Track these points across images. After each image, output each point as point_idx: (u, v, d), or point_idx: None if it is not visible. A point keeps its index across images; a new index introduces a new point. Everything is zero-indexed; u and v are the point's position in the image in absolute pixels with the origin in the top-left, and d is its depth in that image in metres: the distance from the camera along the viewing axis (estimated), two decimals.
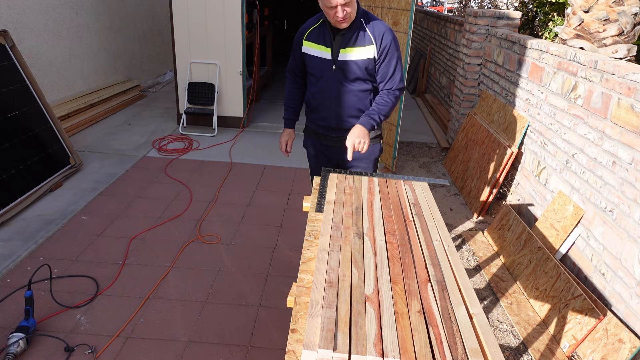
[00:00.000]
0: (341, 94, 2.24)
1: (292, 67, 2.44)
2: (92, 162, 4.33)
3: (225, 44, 5.23)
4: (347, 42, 2.16)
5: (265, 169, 4.46)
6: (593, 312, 2.29)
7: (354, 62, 2.17)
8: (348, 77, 2.21)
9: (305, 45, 2.28)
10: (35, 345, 2.21)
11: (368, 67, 2.18)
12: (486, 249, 3.30)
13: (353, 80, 2.21)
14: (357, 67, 2.18)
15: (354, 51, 2.16)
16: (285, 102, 2.51)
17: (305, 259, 1.47)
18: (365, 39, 2.16)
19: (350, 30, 2.15)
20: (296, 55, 2.36)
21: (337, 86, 2.23)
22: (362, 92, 2.24)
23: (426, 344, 1.09)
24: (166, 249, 3.06)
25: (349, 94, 2.24)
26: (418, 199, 1.91)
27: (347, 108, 2.25)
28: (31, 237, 3.09)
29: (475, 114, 4.53)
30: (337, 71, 2.20)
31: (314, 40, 2.24)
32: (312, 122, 2.42)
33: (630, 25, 3.53)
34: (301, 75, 2.43)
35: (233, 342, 2.31)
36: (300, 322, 1.21)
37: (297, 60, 2.37)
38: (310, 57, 2.27)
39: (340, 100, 2.25)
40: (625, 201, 2.36)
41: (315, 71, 2.27)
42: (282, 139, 2.49)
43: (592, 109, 2.74)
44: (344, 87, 2.23)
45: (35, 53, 4.87)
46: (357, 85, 2.23)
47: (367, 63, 2.17)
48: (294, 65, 2.41)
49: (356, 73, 2.19)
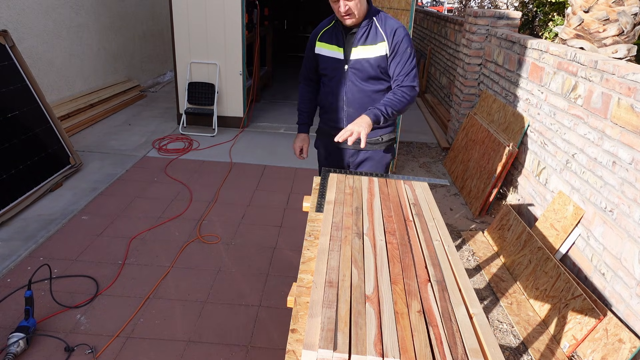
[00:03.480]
0: (353, 94, 2.22)
1: (304, 72, 2.44)
2: (92, 162, 4.33)
3: (225, 44, 5.23)
4: (358, 40, 2.14)
5: (265, 169, 4.46)
6: (593, 312, 2.29)
7: (366, 61, 2.15)
8: (361, 77, 2.18)
9: (318, 45, 2.28)
10: (35, 345, 2.21)
11: (381, 64, 2.15)
12: (486, 249, 3.29)
13: (366, 79, 2.19)
14: (370, 66, 2.15)
15: (365, 49, 2.14)
16: (298, 107, 2.50)
17: (305, 259, 1.47)
18: (377, 36, 2.13)
19: (362, 29, 2.13)
20: (309, 58, 2.36)
21: (349, 86, 2.21)
22: (375, 92, 2.21)
23: (426, 344, 1.09)
24: (166, 249, 3.06)
25: (361, 94, 2.21)
26: (418, 199, 1.91)
27: (359, 109, 2.21)
28: (31, 237, 3.09)
29: (475, 114, 4.53)
30: (350, 71, 2.19)
31: (327, 41, 2.24)
32: (324, 123, 2.42)
33: (630, 25, 3.53)
34: (314, 79, 2.42)
35: (233, 342, 2.31)
36: (300, 322, 1.21)
37: (310, 63, 2.37)
38: (323, 57, 2.27)
39: (352, 100, 2.23)
40: (625, 201, 2.36)
41: (328, 71, 2.26)
42: (296, 144, 2.48)
43: (592, 109, 2.74)
44: (356, 87, 2.21)
45: (35, 53, 4.87)
46: (370, 85, 2.20)
47: (380, 61, 2.14)
48: (306, 69, 2.41)
49: (369, 72, 2.16)
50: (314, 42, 2.30)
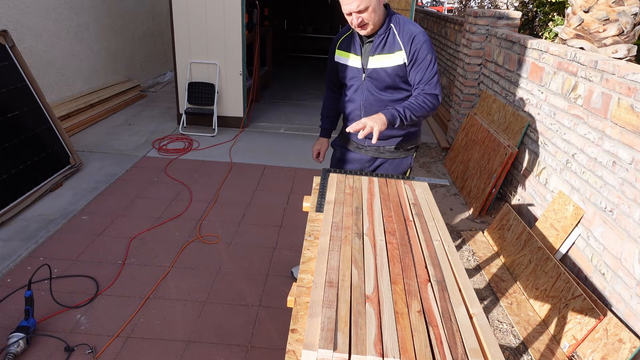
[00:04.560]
0: (371, 103, 2.19)
1: (327, 78, 2.45)
2: (92, 162, 4.33)
3: (225, 44, 5.23)
4: (375, 49, 2.09)
5: (265, 169, 4.46)
6: (593, 312, 2.29)
7: (383, 70, 2.10)
8: (378, 86, 2.14)
9: (337, 54, 2.27)
10: (35, 345, 2.21)
11: (399, 73, 2.09)
12: (486, 249, 3.30)
13: (384, 89, 2.15)
14: (387, 75, 2.10)
15: (382, 59, 2.09)
16: (321, 111, 2.56)
17: (305, 259, 1.47)
18: (394, 45, 2.06)
19: (379, 37, 2.08)
20: (331, 64, 2.35)
21: (366, 95, 2.19)
22: (392, 101, 2.15)
23: (426, 344, 1.09)
24: (166, 249, 3.06)
25: (378, 103, 2.17)
26: (418, 199, 1.91)
27: None
28: (31, 237, 3.09)
29: (475, 114, 4.53)
30: (367, 80, 2.16)
31: (345, 49, 2.22)
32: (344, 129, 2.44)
33: (630, 25, 3.53)
34: (338, 85, 2.41)
35: (233, 342, 2.31)
36: (300, 322, 1.21)
37: (332, 70, 2.36)
38: (341, 65, 2.25)
39: (370, 109, 2.18)
40: (625, 201, 2.36)
41: (346, 80, 2.25)
42: (315, 147, 2.56)
43: (592, 109, 2.74)
44: (373, 97, 2.17)
45: (35, 53, 4.87)
46: (388, 95, 2.16)
47: (398, 70, 2.08)
48: (329, 76, 2.42)
49: (386, 81, 2.12)
50: (334, 49, 2.29)
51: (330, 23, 10.74)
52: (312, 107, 6.69)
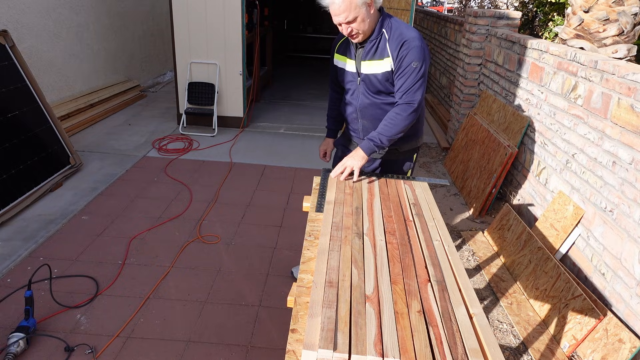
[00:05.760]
0: (366, 107, 2.23)
1: (330, 79, 2.48)
2: (92, 162, 4.33)
3: (225, 44, 5.23)
4: (366, 55, 2.11)
5: (265, 169, 4.46)
6: (593, 312, 2.29)
7: (374, 76, 2.13)
8: (372, 90, 2.18)
9: (336, 57, 2.31)
10: (35, 345, 2.21)
11: (389, 79, 2.11)
12: (486, 249, 3.30)
13: (376, 92, 2.17)
14: (378, 81, 2.12)
15: (373, 64, 2.11)
16: (327, 112, 2.60)
17: (305, 259, 1.47)
18: (384, 52, 2.07)
19: (370, 43, 2.09)
20: (332, 67, 2.39)
21: (362, 98, 2.22)
22: (387, 104, 2.17)
23: (426, 344, 1.09)
24: (166, 249, 3.06)
25: (374, 106, 2.21)
26: (418, 199, 1.91)
27: (373, 120, 2.21)
28: (31, 237, 3.09)
29: (475, 114, 4.53)
30: (362, 84, 2.19)
31: (342, 53, 2.25)
32: (347, 129, 2.49)
33: (630, 25, 3.53)
34: (340, 87, 2.44)
35: (233, 342, 2.31)
36: (300, 322, 1.21)
37: (333, 72, 2.40)
38: (339, 69, 2.29)
39: (365, 112, 2.24)
40: (625, 201, 2.36)
41: (344, 83, 2.29)
42: (322, 147, 2.62)
43: (592, 109, 2.74)
44: (368, 100, 2.20)
45: (35, 53, 4.87)
46: (382, 98, 2.18)
47: (387, 76, 2.09)
48: (331, 77, 2.46)
49: (377, 87, 2.14)
50: (333, 53, 2.33)
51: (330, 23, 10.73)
52: (312, 107, 6.69)
